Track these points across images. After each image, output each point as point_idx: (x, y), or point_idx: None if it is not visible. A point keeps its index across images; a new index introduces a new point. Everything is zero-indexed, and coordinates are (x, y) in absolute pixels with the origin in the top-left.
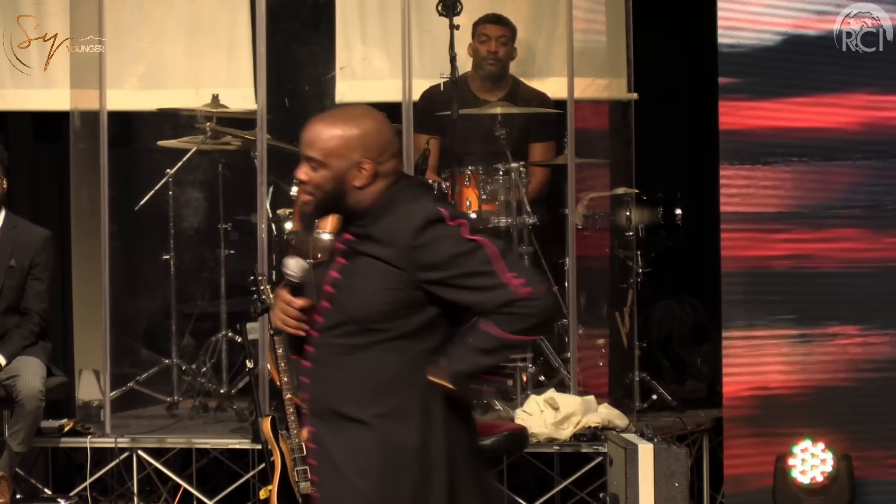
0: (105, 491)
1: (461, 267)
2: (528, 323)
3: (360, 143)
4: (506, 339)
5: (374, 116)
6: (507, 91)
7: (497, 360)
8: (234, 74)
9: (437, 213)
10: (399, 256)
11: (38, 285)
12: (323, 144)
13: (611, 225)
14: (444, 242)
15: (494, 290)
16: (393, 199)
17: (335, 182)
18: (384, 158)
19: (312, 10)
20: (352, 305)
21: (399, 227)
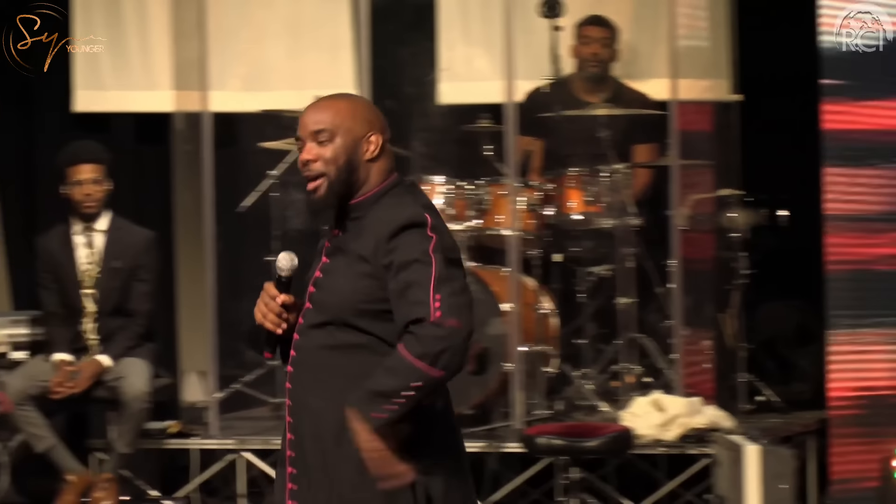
0: (212, 493)
1: (408, 272)
2: (426, 348)
3: (364, 116)
4: (407, 361)
5: (366, 98)
6: (609, 92)
7: (397, 383)
8: (336, 75)
9: (421, 219)
10: (374, 251)
11: (142, 287)
12: (332, 118)
13: (715, 226)
14: (411, 247)
15: (416, 304)
16: (386, 194)
17: (348, 153)
18: (386, 136)
19: (415, 10)
20: (331, 303)
21: (382, 222)
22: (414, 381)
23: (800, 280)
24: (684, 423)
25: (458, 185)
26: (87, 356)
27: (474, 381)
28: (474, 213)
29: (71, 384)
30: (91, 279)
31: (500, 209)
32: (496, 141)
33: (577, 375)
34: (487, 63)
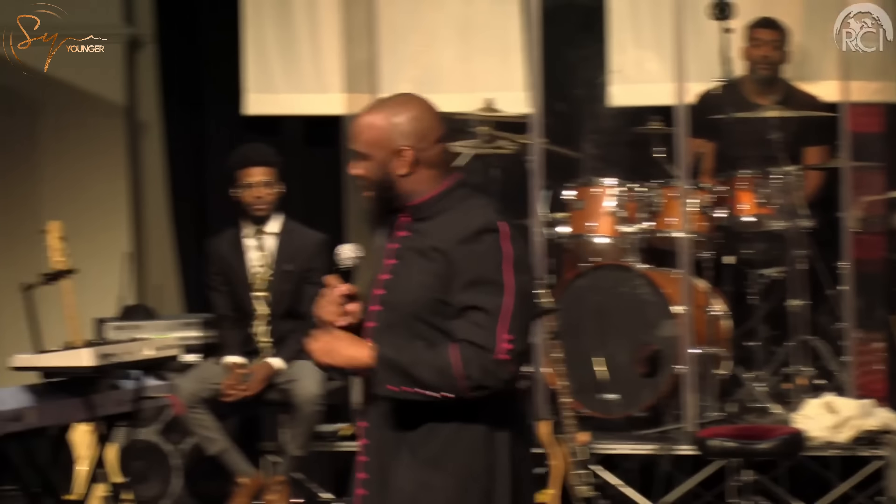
0: None
1: (480, 292)
2: (479, 378)
3: (398, 130)
4: (454, 374)
5: (413, 103)
6: (780, 95)
7: (433, 383)
8: (507, 78)
9: (495, 225)
10: (446, 250)
11: (314, 289)
12: (363, 136)
13: (887, 228)
14: (485, 258)
15: (485, 331)
16: (458, 196)
17: (381, 172)
18: (425, 145)
19: (585, 13)
20: (404, 301)
21: (455, 223)
22: (447, 392)
23: None
24: (856, 425)
25: (629, 188)
26: (259, 359)
27: (646, 384)
28: (646, 215)
29: (243, 387)
30: (262, 282)
31: (672, 211)
32: (667, 143)
33: (748, 378)
34: (658, 65)
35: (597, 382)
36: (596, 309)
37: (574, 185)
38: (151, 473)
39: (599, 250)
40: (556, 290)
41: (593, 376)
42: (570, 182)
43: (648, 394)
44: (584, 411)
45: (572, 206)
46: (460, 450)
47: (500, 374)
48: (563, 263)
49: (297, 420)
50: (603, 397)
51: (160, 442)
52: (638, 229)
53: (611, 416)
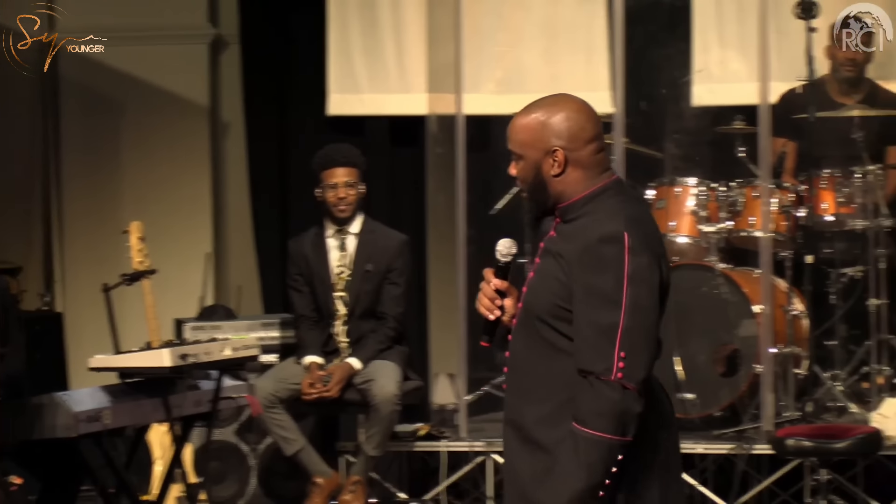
0: (460, 495)
1: (595, 305)
2: (595, 406)
3: (549, 130)
4: (597, 438)
5: (565, 103)
6: (864, 94)
7: (599, 473)
8: (591, 78)
9: (619, 234)
10: (571, 257)
11: (394, 290)
12: (517, 137)
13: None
14: (602, 270)
15: (595, 352)
16: (601, 199)
17: (534, 172)
18: (577, 145)
19: (669, 12)
20: (534, 303)
21: (584, 229)
22: (612, 455)
23: None
24: None
25: (711, 187)
26: (338, 359)
27: (725, 383)
28: (727, 214)
29: (324, 388)
30: (343, 282)
31: (753, 210)
32: (750, 142)
33: (827, 377)
34: (742, 65)
35: (676, 382)
36: (676, 308)
37: (656, 184)
38: (228, 474)
39: (681, 250)
40: None
41: (672, 376)
42: (652, 181)
43: (727, 393)
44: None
45: (654, 206)
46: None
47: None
48: None
49: (374, 420)
50: (681, 397)
51: (237, 442)
52: (719, 229)
53: (688, 416)
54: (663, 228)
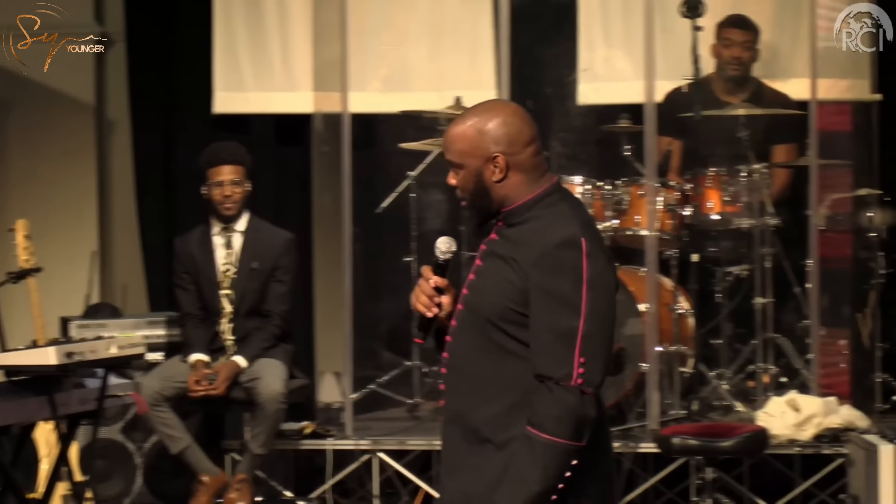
0: (346, 493)
1: (554, 310)
2: (553, 410)
3: (488, 137)
4: (552, 443)
5: (502, 109)
6: (749, 93)
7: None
8: (476, 76)
9: (577, 239)
10: (525, 261)
11: (279, 287)
12: (455, 146)
13: (853, 226)
14: (562, 274)
15: (555, 356)
16: (547, 203)
17: (475, 180)
18: (517, 149)
19: (555, 11)
20: (481, 304)
21: (537, 233)
22: (567, 459)
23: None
24: (819, 423)
25: (596, 186)
26: (224, 357)
27: (610, 382)
28: (612, 213)
29: (210, 385)
30: (229, 280)
31: (639, 209)
32: (635, 141)
33: (713, 375)
34: (628, 63)
35: None
36: None
37: None
38: (114, 472)
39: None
40: None
41: None
42: None
43: (612, 392)
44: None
45: None
46: None
47: (582, 403)
48: None
49: (259, 418)
50: None
51: (123, 440)
52: (604, 227)
53: None
54: None
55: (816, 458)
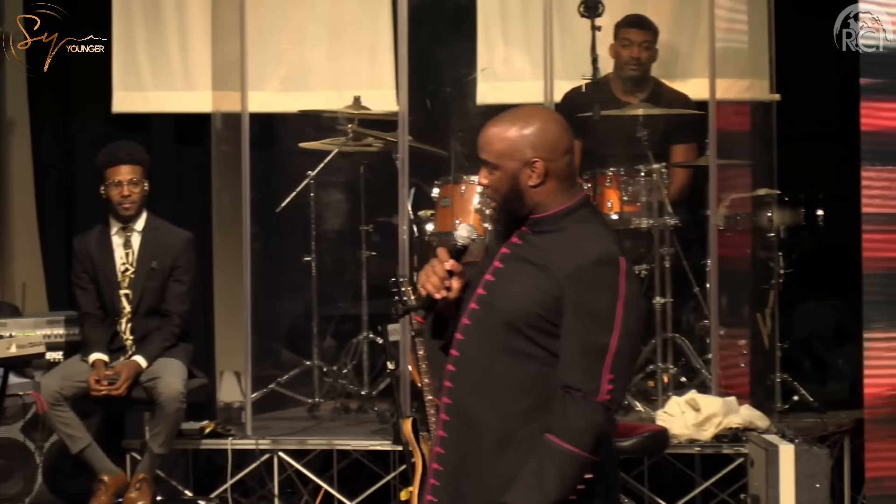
0: (246, 493)
1: (589, 325)
2: (577, 423)
3: (528, 142)
4: (572, 453)
5: (542, 115)
6: (648, 93)
7: (570, 481)
8: (375, 76)
9: (615, 258)
10: (560, 271)
11: (178, 287)
12: (494, 147)
13: (752, 226)
14: (599, 291)
15: (585, 370)
16: (579, 217)
17: (510, 183)
18: (555, 156)
19: (454, 11)
20: (505, 307)
21: (575, 247)
22: (582, 472)
23: (836, 279)
24: (719, 422)
25: None
26: (124, 357)
27: None
28: None
29: (111, 386)
30: (128, 279)
31: None
32: None
33: None
34: (526, 63)
35: None
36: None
37: (441, 182)
38: (14, 471)
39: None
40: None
41: None
42: (437, 180)
43: None
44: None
45: (439, 204)
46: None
47: (605, 419)
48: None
49: (159, 418)
50: None
51: (23, 440)
52: None
53: None
54: (449, 227)
55: (716, 457)
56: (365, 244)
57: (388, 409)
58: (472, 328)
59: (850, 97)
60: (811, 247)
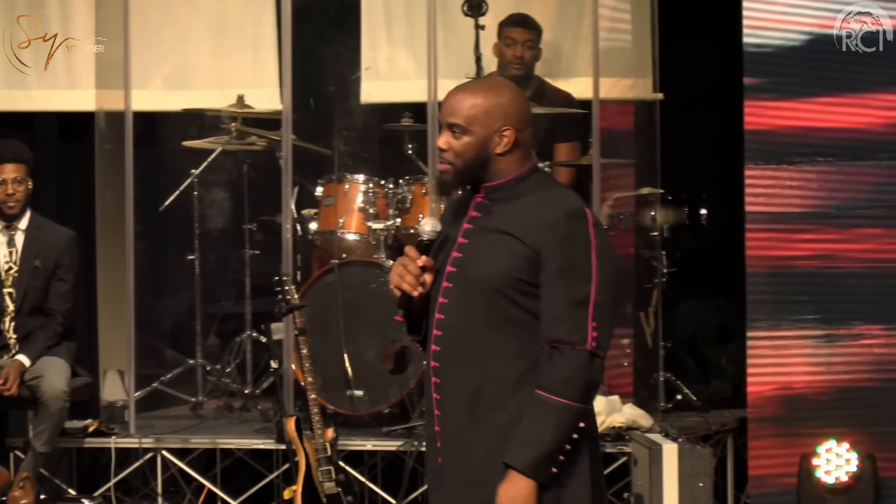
0: (129, 491)
1: (568, 278)
2: (567, 374)
3: (502, 110)
4: (564, 405)
5: (511, 86)
6: (532, 91)
7: (563, 434)
8: (259, 75)
9: (583, 211)
10: (531, 233)
11: (62, 286)
12: (467, 112)
13: (636, 225)
14: (573, 243)
15: (570, 323)
16: (535, 180)
17: (478, 149)
18: (522, 126)
19: (338, 10)
20: (483, 276)
21: (540, 208)
22: (576, 422)
23: (720, 279)
24: (603, 421)
25: (380, 184)
26: (7, 356)
27: (394, 380)
28: (396, 211)
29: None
30: (11, 278)
31: (422, 207)
32: (418, 140)
33: None
34: (410, 62)
35: (345, 379)
36: (345, 305)
37: (325, 181)
38: None
39: (349, 247)
40: (305, 286)
41: (340, 373)
42: (321, 178)
43: (396, 390)
44: (331, 408)
45: (323, 203)
46: None
47: (593, 367)
48: (313, 260)
49: (43, 416)
50: (350, 394)
51: None
52: (387, 226)
53: (357, 413)
54: (332, 226)
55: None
56: (248, 243)
57: (272, 408)
58: (452, 306)
59: (733, 96)
60: (694, 246)
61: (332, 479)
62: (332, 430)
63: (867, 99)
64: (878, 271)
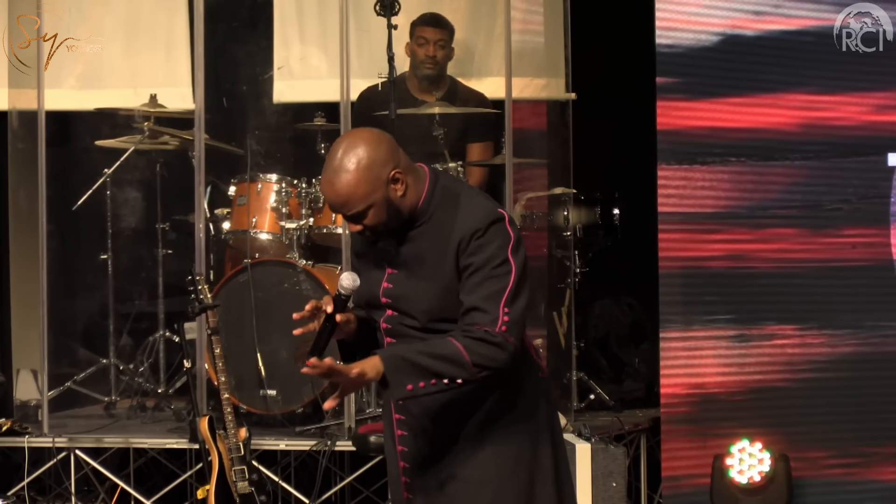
0: (42, 491)
1: (487, 271)
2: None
3: (375, 163)
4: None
5: (356, 137)
6: (444, 91)
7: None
8: (171, 74)
9: (499, 214)
10: (456, 249)
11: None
12: (355, 196)
13: (548, 225)
14: (495, 246)
15: (486, 313)
16: (441, 189)
17: (387, 209)
18: (396, 156)
19: (250, 9)
20: (418, 308)
21: (460, 221)
22: (461, 378)
23: (632, 279)
24: None
25: (292, 184)
26: None
27: (307, 379)
28: (308, 211)
29: None
30: None
31: None
32: (331, 139)
33: None
34: (323, 61)
35: (258, 378)
36: (258, 305)
37: (237, 181)
38: None
39: (262, 246)
40: (217, 285)
41: (253, 372)
42: (233, 178)
43: (309, 390)
44: (244, 407)
45: (236, 203)
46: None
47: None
48: (226, 259)
49: None
50: (263, 393)
51: None
52: (300, 225)
53: (271, 413)
54: (245, 225)
55: None
56: (161, 242)
57: (185, 408)
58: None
59: (645, 96)
60: (607, 245)
61: (245, 479)
62: (245, 429)
63: (777, 99)
64: (790, 271)
